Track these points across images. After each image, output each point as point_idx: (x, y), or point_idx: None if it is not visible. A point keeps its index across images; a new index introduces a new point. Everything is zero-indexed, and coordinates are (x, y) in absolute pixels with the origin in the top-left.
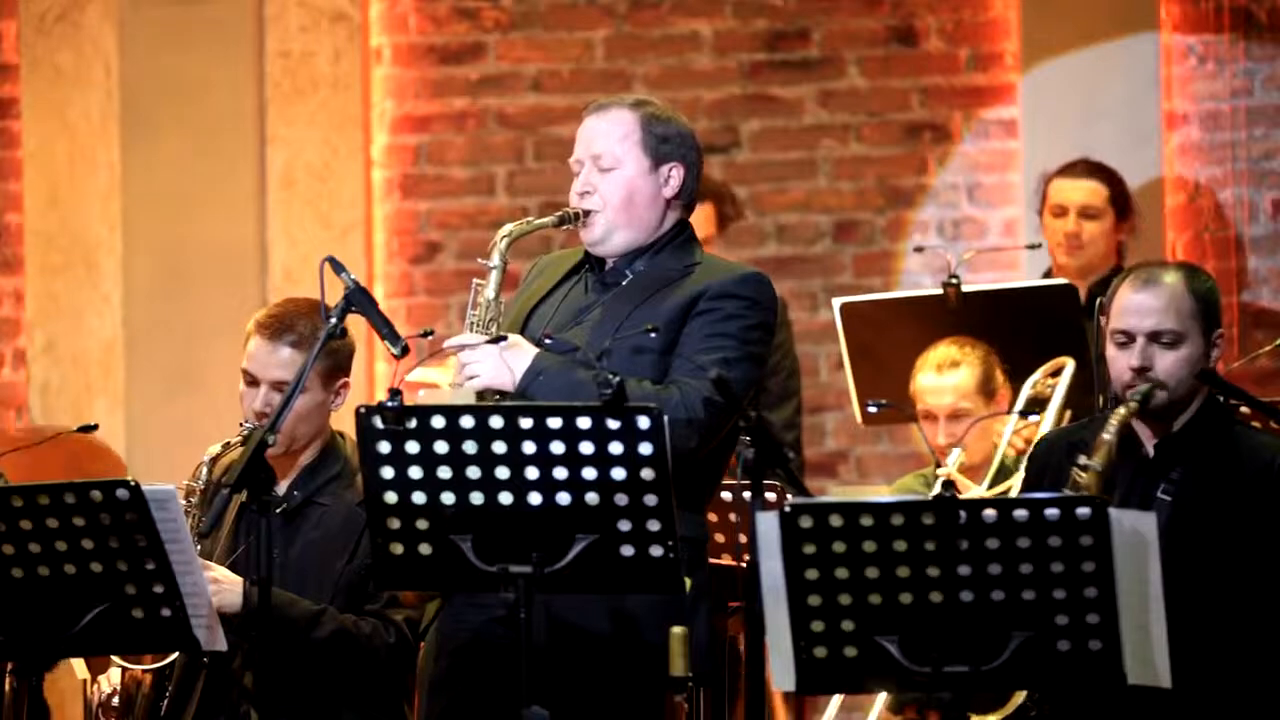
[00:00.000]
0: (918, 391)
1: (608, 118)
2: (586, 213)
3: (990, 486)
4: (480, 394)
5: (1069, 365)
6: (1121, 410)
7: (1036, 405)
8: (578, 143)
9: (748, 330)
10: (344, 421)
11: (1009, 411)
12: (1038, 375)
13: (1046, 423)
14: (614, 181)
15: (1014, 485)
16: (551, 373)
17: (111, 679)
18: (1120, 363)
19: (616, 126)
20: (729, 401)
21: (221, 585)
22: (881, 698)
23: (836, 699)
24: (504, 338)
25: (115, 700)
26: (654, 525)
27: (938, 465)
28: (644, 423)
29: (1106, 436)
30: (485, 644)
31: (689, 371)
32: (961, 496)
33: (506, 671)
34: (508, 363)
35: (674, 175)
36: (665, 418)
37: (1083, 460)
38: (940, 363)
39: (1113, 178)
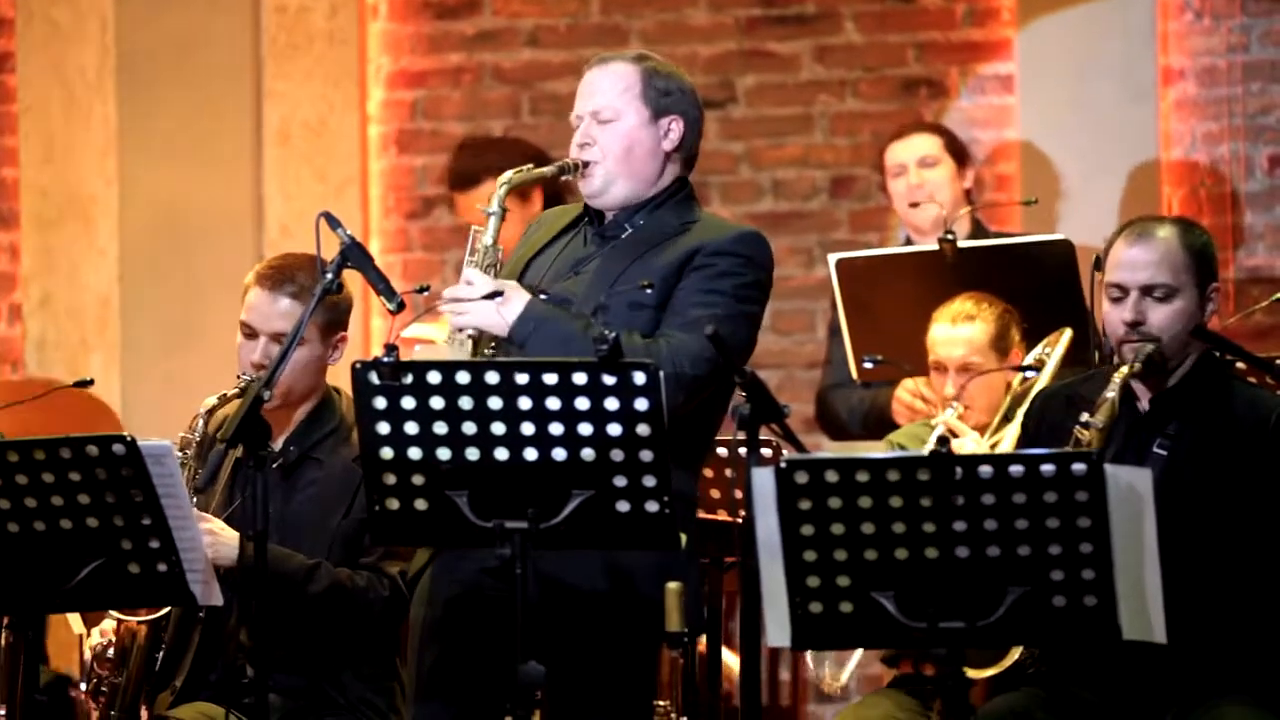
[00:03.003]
0: (931, 342)
1: (608, 71)
2: (586, 163)
3: (991, 435)
4: (475, 341)
5: (1067, 334)
6: (1124, 369)
7: (1036, 367)
8: (578, 98)
9: (741, 288)
10: (340, 378)
11: (1011, 369)
12: (1040, 347)
13: (1041, 382)
14: (613, 133)
15: (1005, 435)
16: (545, 322)
17: (106, 630)
18: (1114, 316)
19: (617, 80)
20: (718, 358)
21: (217, 538)
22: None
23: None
24: (499, 293)
25: (110, 652)
26: (649, 481)
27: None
28: (640, 378)
29: (1110, 395)
30: (477, 595)
31: (679, 326)
32: (955, 442)
33: (498, 623)
34: (500, 307)
35: (674, 128)
36: (662, 374)
37: (1085, 418)
38: (955, 315)
39: (942, 130)
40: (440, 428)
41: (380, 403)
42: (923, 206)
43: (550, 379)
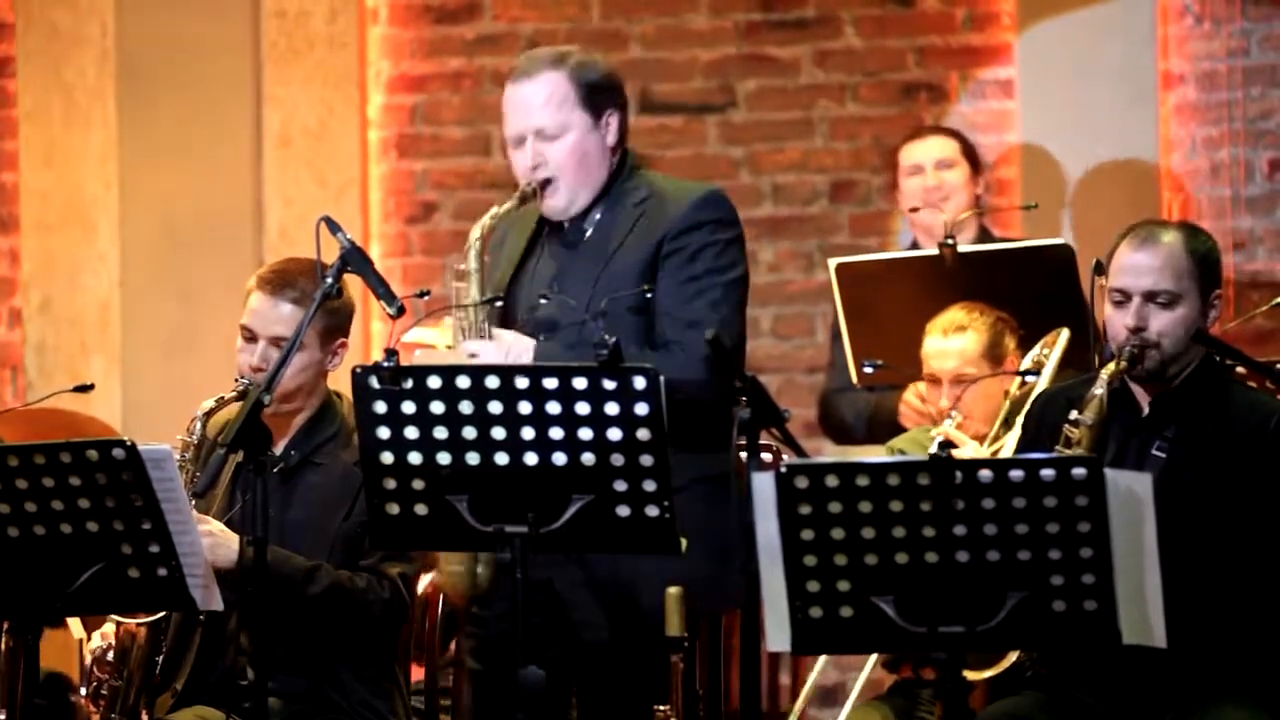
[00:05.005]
0: (924, 355)
1: (540, 83)
2: (544, 184)
3: (991, 443)
4: None
5: (1064, 334)
6: (1111, 365)
7: (1034, 370)
8: (513, 114)
9: (719, 256)
10: (341, 383)
11: (1007, 374)
12: (1037, 349)
13: (1041, 384)
14: (563, 148)
15: (1006, 442)
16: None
17: (105, 633)
18: (1117, 321)
19: (553, 92)
20: (729, 346)
21: (217, 540)
22: (874, 656)
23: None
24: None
25: (110, 654)
26: (650, 485)
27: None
28: (640, 383)
29: (1097, 391)
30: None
31: (680, 330)
32: (955, 452)
33: (552, 633)
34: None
35: (612, 123)
36: (662, 378)
37: (1074, 415)
38: (946, 327)
39: (958, 134)
40: (440, 432)
41: (380, 407)
42: (924, 211)
43: (550, 383)
